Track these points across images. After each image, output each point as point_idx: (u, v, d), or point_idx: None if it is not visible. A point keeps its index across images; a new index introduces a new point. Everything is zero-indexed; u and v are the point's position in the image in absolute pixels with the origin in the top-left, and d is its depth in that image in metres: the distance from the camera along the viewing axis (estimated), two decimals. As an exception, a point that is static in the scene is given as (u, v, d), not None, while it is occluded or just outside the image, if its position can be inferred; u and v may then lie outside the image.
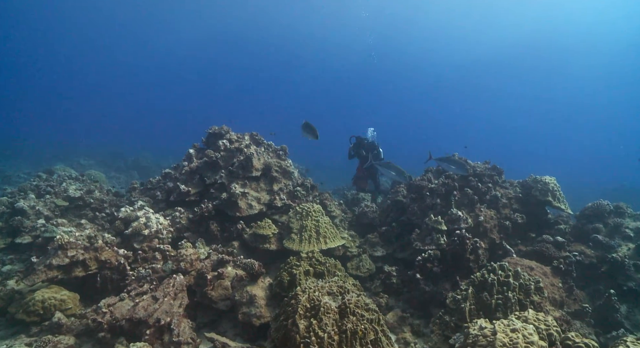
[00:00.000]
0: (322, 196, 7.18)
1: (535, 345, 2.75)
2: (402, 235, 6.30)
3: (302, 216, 5.73)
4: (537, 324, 3.15)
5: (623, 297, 5.19)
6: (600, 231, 6.25)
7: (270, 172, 6.89)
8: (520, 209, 6.52)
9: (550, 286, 4.81)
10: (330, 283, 3.31)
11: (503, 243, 5.77)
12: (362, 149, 9.42)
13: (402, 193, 6.94)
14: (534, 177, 6.78)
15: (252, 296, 4.19)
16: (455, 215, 5.69)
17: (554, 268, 5.18)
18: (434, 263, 5.09)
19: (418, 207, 6.32)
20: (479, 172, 6.72)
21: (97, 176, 10.25)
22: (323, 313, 2.85)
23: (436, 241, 5.35)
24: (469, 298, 3.98)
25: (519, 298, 3.91)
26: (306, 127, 6.16)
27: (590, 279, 5.60)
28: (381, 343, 2.92)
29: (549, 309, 4.23)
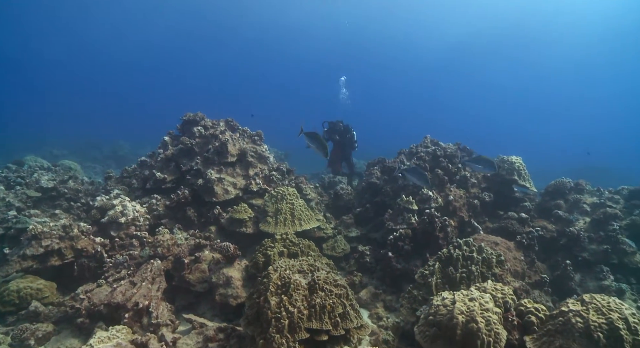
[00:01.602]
0: (298, 180, 7.30)
1: (490, 311, 2.98)
2: (376, 216, 6.51)
3: (278, 199, 5.85)
4: (494, 293, 3.39)
5: (578, 267, 5.55)
6: (561, 207, 6.60)
7: (246, 157, 6.97)
8: (488, 188, 6.80)
9: (513, 259, 5.10)
10: (301, 262, 3.46)
11: (471, 220, 6.04)
12: (335, 134, 9.53)
13: (376, 175, 7.13)
14: (502, 157, 7.06)
15: (228, 278, 4.33)
16: (425, 195, 5.91)
17: (517, 242, 5.47)
18: (405, 241, 5.31)
19: (391, 188, 6.52)
20: (449, 153, 6.94)
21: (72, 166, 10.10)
22: (293, 290, 3.01)
23: (407, 221, 5.57)
24: (436, 273, 4.20)
25: (481, 271, 4.15)
26: (314, 139, 5.35)
27: (550, 251, 5.94)
28: (349, 316, 3.11)
29: (510, 280, 4.51)
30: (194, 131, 6.96)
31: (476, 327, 2.80)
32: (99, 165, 16.79)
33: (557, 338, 2.86)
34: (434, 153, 6.84)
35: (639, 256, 5.58)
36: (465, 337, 2.83)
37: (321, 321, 2.94)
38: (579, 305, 2.95)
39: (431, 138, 7.60)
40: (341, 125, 9.51)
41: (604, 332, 2.68)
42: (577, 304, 2.97)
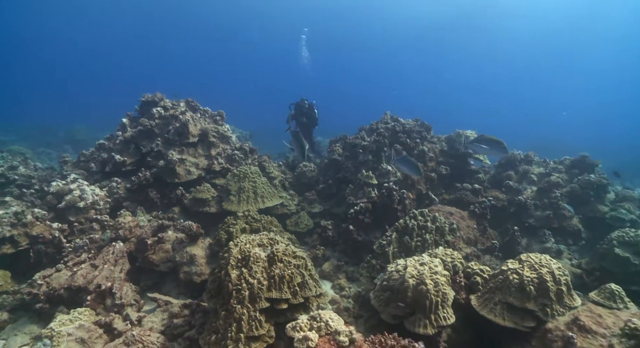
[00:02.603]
0: (261, 159, 7.34)
1: (439, 274, 3.20)
2: (338, 191, 6.68)
3: (240, 178, 5.89)
4: (444, 258, 3.63)
5: (525, 232, 5.97)
6: (511, 177, 7.00)
7: (208, 137, 6.91)
8: (445, 161, 7.09)
9: (466, 227, 5.42)
10: (261, 236, 3.56)
11: (429, 193, 6.32)
12: (303, 117, 9.54)
13: (337, 152, 7.26)
14: (457, 131, 7.34)
15: (192, 256, 4.39)
16: (384, 170, 6.11)
17: (471, 212, 5.79)
18: (365, 214, 5.51)
19: (352, 164, 6.68)
20: (408, 128, 7.16)
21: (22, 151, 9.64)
22: (253, 262, 3.11)
23: (367, 195, 5.76)
24: (393, 242, 4.43)
25: (435, 239, 4.41)
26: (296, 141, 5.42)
27: (501, 219, 6.33)
28: (308, 285, 3.26)
29: (462, 246, 4.81)
30: (153, 112, 6.81)
31: (425, 289, 3.02)
32: (54, 151, 16.04)
33: (497, 294, 3.13)
34: (393, 129, 7.04)
35: (576, 220, 6.06)
36: (415, 298, 3.04)
37: (280, 291, 3.08)
38: (516, 263, 3.23)
39: (391, 114, 7.79)
40: (305, 103, 9.53)
41: (535, 285, 2.97)
42: (515, 263, 3.24)
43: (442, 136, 7.80)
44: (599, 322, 2.79)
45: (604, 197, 6.79)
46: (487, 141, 5.02)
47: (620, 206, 6.51)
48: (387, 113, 7.80)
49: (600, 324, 2.77)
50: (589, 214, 6.53)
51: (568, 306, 3.00)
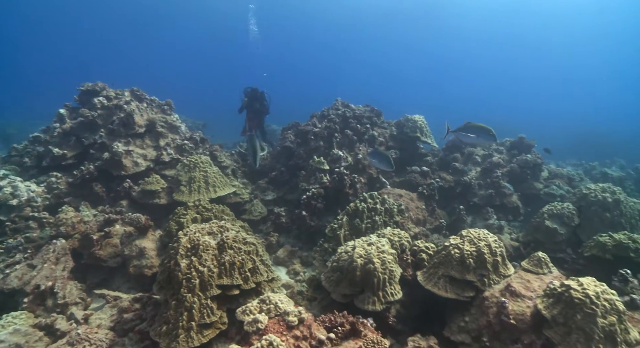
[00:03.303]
0: (212, 148, 7.20)
1: (386, 253, 3.32)
2: (291, 178, 6.70)
3: (190, 168, 5.77)
4: (391, 238, 3.77)
5: (470, 210, 6.31)
6: (458, 159, 7.33)
7: (156, 128, 6.68)
8: (395, 145, 7.29)
9: (415, 208, 5.63)
10: (211, 224, 3.53)
11: (380, 176, 6.49)
12: (256, 103, 9.41)
13: (289, 139, 7.26)
14: (406, 116, 7.55)
15: (141, 249, 4.27)
16: (336, 155, 6.19)
17: (419, 193, 6.02)
18: (317, 200, 5.59)
19: (304, 151, 6.72)
20: (359, 114, 7.28)
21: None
22: (203, 251, 3.09)
23: (319, 180, 5.83)
24: (344, 225, 4.53)
25: (384, 220, 4.56)
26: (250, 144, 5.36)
27: (449, 199, 6.64)
28: (259, 270, 3.28)
29: (410, 227, 5.00)
30: (94, 102, 6.47)
31: (373, 268, 3.13)
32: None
33: (440, 268, 3.31)
34: (344, 115, 7.13)
35: (515, 197, 6.48)
36: (363, 277, 3.15)
37: (231, 277, 3.08)
38: (458, 239, 3.42)
39: (342, 100, 7.87)
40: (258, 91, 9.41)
41: (474, 258, 3.17)
42: (457, 238, 3.43)
43: (392, 121, 7.99)
44: (528, 286, 3.03)
45: (539, 175, 7.28)
46: (474, 129, 4.71)
47: (552, 183, 7.03)
48: (338, 99, 7.88)
49: (528, 288, 3.00)
50: (526, 191, 6.99)
51: (503, 275, 3.22)
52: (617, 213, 4.91)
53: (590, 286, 2.58)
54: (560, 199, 6.29)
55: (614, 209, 4.93)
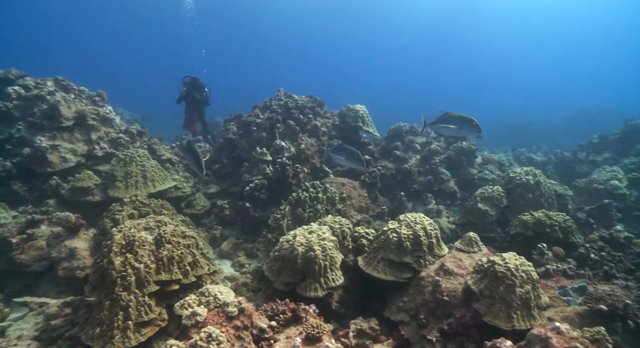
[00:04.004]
0: (151, 141, 6.90)
1: (327, 240, 3.38)
2: (235, 170, 6.60)
3: (127, 162, 5.49)
4: (332, 225, 3.84)
5: (410, 197, 6.57)
6: (399, 148, 7.58)
7: (86, 120, 6.26)
8: (338, 135, 7.39)
9: (358, 196, 5.76)
10: (148, 220, 3.40)
11: (323, 166, 6.56)
12: (196, 92, 9.08)
13: (232, 130, 7.13)
14: (348, 106, 7.66)
15: (72, 249, 4.02)
16: (279, 146, 6.17)
17: (361, 181, 6.16)
18: (261, 191, 5.55)
19: (247, 142, 6.63)
20: (301, 105, 7.29)
21: None
22: (139, 247, 2.97)
23: (262, 171, 5.79)
24: (287, 215, 4.54)
25: (326, 208, 4.62)
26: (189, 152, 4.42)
27: (390, 187, 6.86)
28: (199, 263, 3.22)
29: (353, 214, 5.12)
30: (8, 91, 5.93)
31: (314, 255, 3.18)
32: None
33: (380, 252, 3.42)
34: (286, 105, 7.10)
35: (452, 183, 6.84)
36: (305, 264, 3.19)
37: (170, 272, 3.00)
38: (395, 223, 3.55)
39: (284, 91, 7.83)
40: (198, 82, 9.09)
41: (411, 241, 3.31)
42: (395, 223, 3.57)
43: (335, 111, 8.08)
44: (460, 264, 3.22)
45: (474, 161, 7.72)
46: (454, 119, 4.17)
47: (485, 168, 7.49)
48: (280, 90, 7.83)
49: (460, 266, 3.20)
50: (462, 176, 7.38)
51: (437, 255, 3.40)
52: (538, 193, 5.34)
53: (511, 260, 2.79)
54: (491, 183, 6.71)
55: (535, 190, 5.36)
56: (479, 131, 4.08)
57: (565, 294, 3.30)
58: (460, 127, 4.19)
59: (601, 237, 4.50)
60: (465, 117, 4.07)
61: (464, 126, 4.14)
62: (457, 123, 4.19)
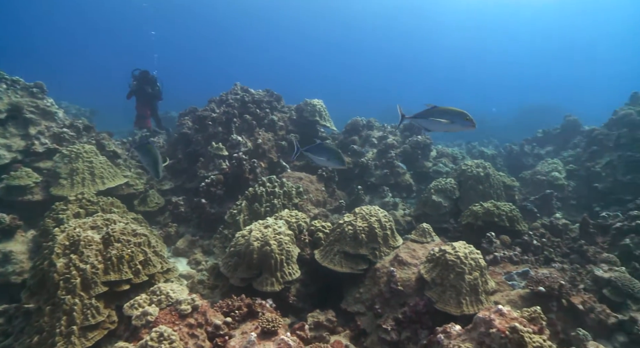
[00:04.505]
0: (99, 136, 6.55)
1: (283, 234, 3.37)
2: (190, 166, 6.42)
3: (72, 158, 5.18)
4: (289, 219, 3.83)
5: (368, 190, 6.68)
6: (356, 142, 7.67)
7: (23, 114, 5.85)
8: (295, 129, 7.37)
9: (315, 190, 5.78)
10: (95, 218, 3.24)
11: (280, 160, 6.52)
12: (148, 86, 8.68)
13: (187, 125, 6.92)
14: (306, 100, 7.65)
15: (7, 253, 3.76)
16: (235, 141, 6.07)
17: (319, 176, 6.18)
18: (217, 186, 5.44)
19: (202, 137, 6.46)
20: (258, 99, 7.19)
21: None
22: (84, 247, 2.83)
23: (218, 167, 5.68)
24: (243, 210, 4.49)
25: (283, 203, 4.61)
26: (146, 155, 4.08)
27: (348, 180, 6.94)
28: (152, 262, 3.11)
29: (310, 208, 5.14)
30: None
31: (269, 249, 3.16)
32: None
33: (336, 245, 3.46)
34: (243, 99, 6.99)
35: (408, 176, 7.02)
36: (261, 259, 3.17)
37: (120, 272, 2.88)
38: (351, 216, 3.60)
39: (241, 85, 7.70)
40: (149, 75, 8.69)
41: (366, 233, 3.37)
42: (350, 216, 3.61)
43: (292, 105, 8.04)
44: (413, 255, 3.32)
45: (429, 155, 7.96)
46: (445, 113, 3.82)
47: (440, 161, 7.74)
48: (236, 84, 7.68)
49: (414, 256, 3.30)
50: (417, 169, 7.59)
51: (392, 246, 3.49)
52: (488, 185, 5.60)
53: (460, 249, 2.91)
54: (445, 175, 6.94)
55: (485, 182, 5.61)
56: (473, 126, 3.71)
57: (510, 279, 3.48)
58: (453, 122, 3.84)
59: (543, 225, 4.79)
60: (457, 111, 3.76)
61: (457, 121, 3.81)
62: (449, 117, 3.86)
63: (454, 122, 3.78)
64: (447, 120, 3.79)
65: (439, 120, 3.82)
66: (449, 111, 3.75)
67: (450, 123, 3.78)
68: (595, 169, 6.99)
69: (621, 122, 7.33)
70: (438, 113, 3.82)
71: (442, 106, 3.81)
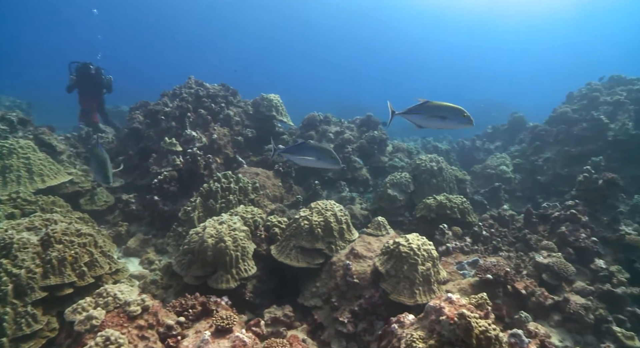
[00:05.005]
0: (38, 131, 6.13)
1: (238, 230, 3.32)
2: (142, 162, 6.16)
3: (5, 155, 4.81)
4: (245, 215, 3.77)
5: (325, 185, 6.71)
6: (313, 137, 7.67)
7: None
8: (251, 125, 7.26)
9: (272, 186, 5.73)
10: (32, 219, 3.04)
11: (236, 156, 6.41)
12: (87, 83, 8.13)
13: (138, 119, 6.63)
14: (262, 95, 7.56)
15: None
16: (189, 136, 5.89)
17: (275, 171, 6.13)
18: (171, 183, 5.26)
19: (155, 132, 6.22)
20: (213, 93, 7.02)
21: None
22: (18, 250, 2.63)
23: (172, 163, 5.49)
24: (198, 207, 4.37)
25: (239, 199, 4.53)
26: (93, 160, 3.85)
27: (305, 175, 6.93)
28: (98, 262, 2.96)
29: (267, 204, 5.09)
30: None
31: (224, 246, 3.10)
32: None
33: (292, 240, 3.45)
34: (197, 94, 6.79)
35: (365, 171, 7.13)
36: (215, 256, 3.10)
37: (62, 275, 2.71)
38: (307, 211, 3.60)
39: (195, 78, 7.48)
40: (91, 68, 8.16)
41: (322, 227, 3.38)
42: (307, 210, 3.61)
43: (248, 100, 7.90)
44: (369, 248, 3.38)
45: (385, 150, 8.11)
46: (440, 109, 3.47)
47: (395, 156, 7.91)
48: (191, 77, 7.45)
49: (369, 249, 3.35)
50: (374, 164, 7.71)
51: (348, 240, 3.52)
52: (441, 178, 5.79)
53: (414, 241, 2.99)
54: (401, 170, 7.10)
55: (438, 176, 5.79)
56: (471, 123, 3.41)
57: (461, 268, 3.63)
58: (450, 119, 3.51)
59: (492, 216, 5.01)
60: (453, 107, 3.43)
61: (454, 118, 3.49)
62: (445, 114, 3.52)
63: (450, 120, 3.50)
64: (442, 116, 3.49)
65: (434, 117, 3.52)
66: (444, 107, 3.43)
67: (446, 120, 3.48)
68: (538, 163, 7.42)
69: (559, 120, 7.82)
70: (431, 109, 3.51)
71: (435, 101, 3.49)
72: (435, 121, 3.47)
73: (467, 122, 3.33)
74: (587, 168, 4.78)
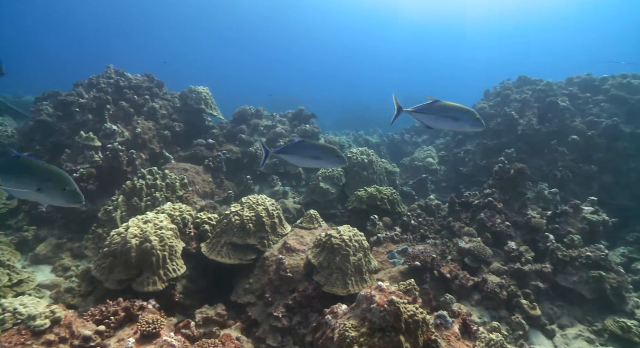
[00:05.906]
0: None
1: (165, 229, 3.14)
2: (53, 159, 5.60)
3: None
4: (172, 212, 3.58)
5: (257, 179, 6.61)
6: (244, 131, 7.50)
7: None
8: (179, 118, 6.92)
9: (202, 181, 5.52)
10: None
11: (163, 151, 6.08)
12: None
13: (46, 111, 6.00)
14: (190, 87, 7.23)
15: None
16: (109, 130, 5.46)
17: (205, 166, 5.92)
18: (89, 181, 4.85)
19: (67, 125, 5.68)
20: (135, 84, 6.57)
21: None
22: None
23: (89, 159, 5.06)
24: (120, 206, 4.07)
25: (166, 196, 4.30)
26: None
27: (237, 170, 6.77)
28: (-1, 272, 2.63)
29: (196, 200, 4.90)
30: None
31: (150, 246, 2.91)
32: None
33: (223, 236, 3.34)
34: (117, 84, 6.31)
35: (298, 164, 7.12)
36: (140, 257, 2.91)
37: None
38: (238, 206, 3.50)
39: (115, 67, 6.94)
40: None
41: (253, 222, 3.32)
42: (237, 205, 3.52)
43: (176, 92, 7.52)
44: (301, 241, 3.37)
45: (317, 143, 8.16)
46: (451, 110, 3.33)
47: (327, 149, 8.01)
48: (110, 66, 6.90)
49: (302, 243, 3.35)
50: (306, 158, 7.72)
51: (280, 234, 3.49)
52: (371, 171, 5.95)
53: (345, 232, 3.03)
54: (333, 163, 7.21)
55: (369, 168, 5.96)
56: (482, 127, 3.30)
57: (392, 257, 3.76)
58: (462, 120, 3.38)
59: (419, 206, 5.26)
60: (464, 108, 3.30)
61: (467, 120, 3.35)
62: (458, 115, 3.38)
63: (463, 121, 3.37)
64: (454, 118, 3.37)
65: (447, 118, 3.39)
66: (455, 108, 3.30)
67: (459, 121, 3.36)
68: (460, 155, 7.93)
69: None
70: (443, 109, 3.38)
71: (445, 101, 3.36)
72: (447, 122, 3.39)
73: (478, 124, 3.27)
74: (502, 159, 5.19)
